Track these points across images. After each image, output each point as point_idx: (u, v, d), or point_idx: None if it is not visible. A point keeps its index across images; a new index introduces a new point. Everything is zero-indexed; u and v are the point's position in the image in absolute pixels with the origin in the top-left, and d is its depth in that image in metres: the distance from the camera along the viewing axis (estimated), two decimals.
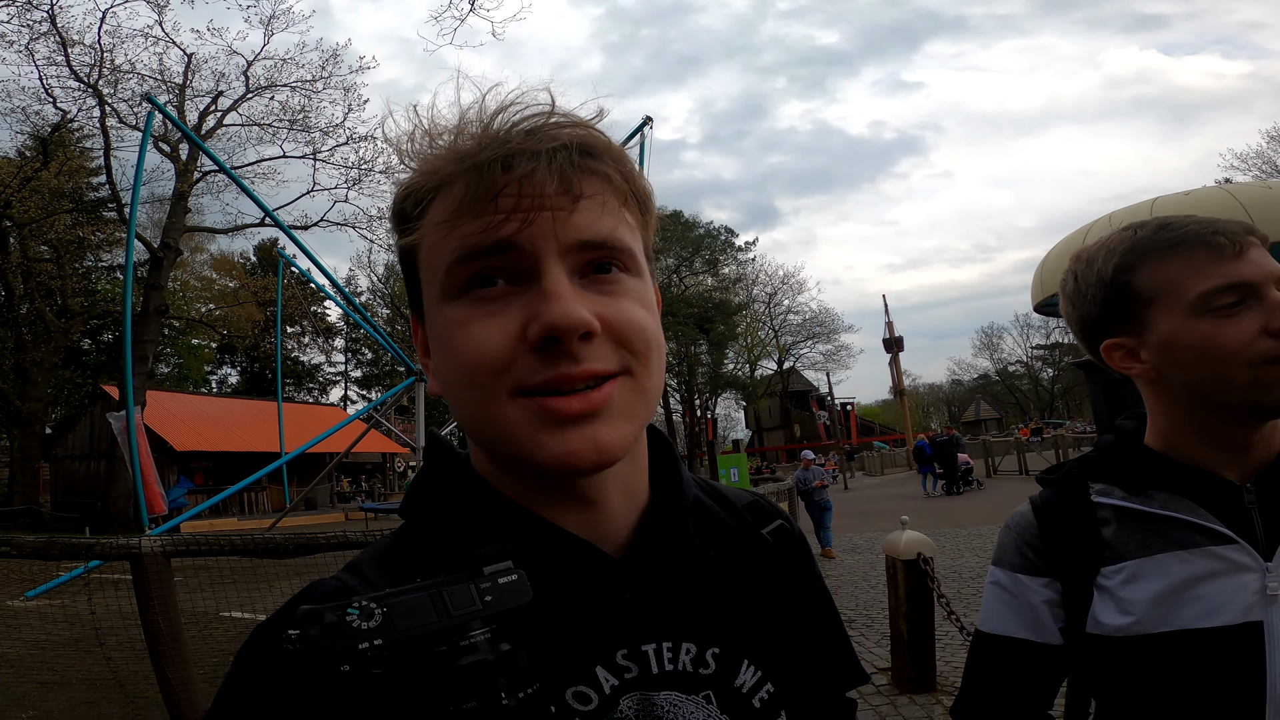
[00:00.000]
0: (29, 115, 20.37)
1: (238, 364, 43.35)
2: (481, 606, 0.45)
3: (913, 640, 4.30)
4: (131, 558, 3.91)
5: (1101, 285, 0.94)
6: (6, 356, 23.10)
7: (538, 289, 0.48)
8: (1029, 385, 61.00)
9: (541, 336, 0.47)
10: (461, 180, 0.50)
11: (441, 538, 0.55)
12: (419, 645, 0.43)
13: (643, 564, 0.57)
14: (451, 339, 0.51)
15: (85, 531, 18.60)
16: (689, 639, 0.57)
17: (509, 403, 0.49)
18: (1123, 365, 0.94)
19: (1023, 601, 0.94)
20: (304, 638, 0.41)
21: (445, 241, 0.50)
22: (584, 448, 0.48)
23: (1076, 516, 0.94)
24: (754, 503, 0.72)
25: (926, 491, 18.66)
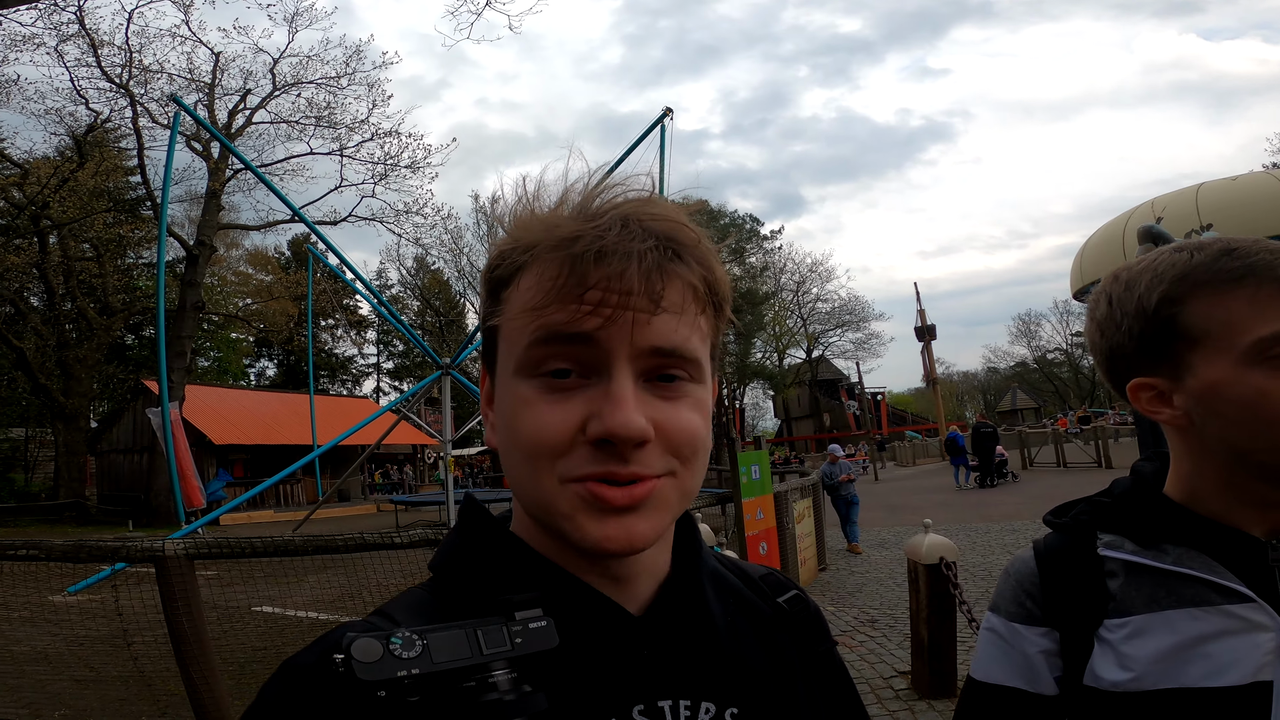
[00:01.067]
0: (63, 117, 21.01)
1: (274, 357, 44.36)
2: (511, 647, 0.48)
3: (933, 645, 4.23)
4: (155, 560, 3.99)
5: (1141, 316, 0.82)
6: (50, 353, 23.94)
7: (605, 388, 0.51)
8: (1069, 373, 59.52)
9: (599, 438, 0.50)
10: (554, 264, 0.52)
11: (473, 589, 0.57)
12: (451, 679, 0.46)
13: (662, 623, 0.59)
14: (518, 415, 0.53)
15: (129, 525, 19.27)
16: (707, 698, 0.59)
17: (559, 486, 0.52)
18: (1149, 408, 0.84)
19: (1017, 651, 0.90)
20: (349, 661, 0.43)
21: (530, 325, 0.53)
22: (619, 535, 0.52)
23: (1081, 568, 0.88)
24: (769, 574, 0.75)
25: (959, 484, 18.29)
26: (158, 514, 19.92)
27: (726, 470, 7.29)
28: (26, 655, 5.07)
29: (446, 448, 14.46)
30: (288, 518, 20.49)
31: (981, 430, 17.77)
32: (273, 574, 6.75)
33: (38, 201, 20.02)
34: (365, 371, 48.46)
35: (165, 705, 4.13)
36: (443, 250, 39.28)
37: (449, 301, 42.39)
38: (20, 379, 24.53)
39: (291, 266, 37.57)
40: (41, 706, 4.25)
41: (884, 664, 4.99)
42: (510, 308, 0.55)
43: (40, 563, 5.00)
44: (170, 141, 9.40)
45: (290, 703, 0.48)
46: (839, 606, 6.77)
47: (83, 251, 24.57)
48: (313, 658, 0.50)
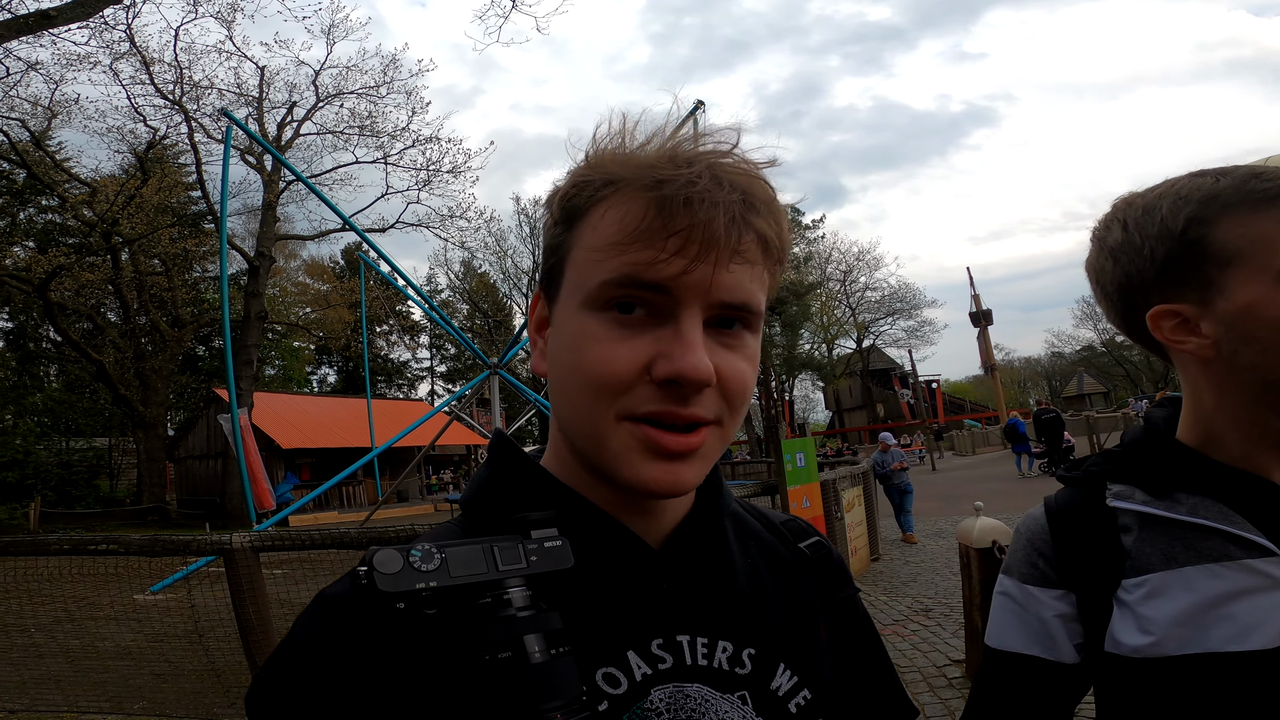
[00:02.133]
0: (124, 134, 22.11)
1: (334, 364, 45.91)
2: (527, 564, 0.49)
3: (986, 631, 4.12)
4: (224, 553, 4.23)
5: (1166, 238, 0.77)
6: (128, 365, 25.31)
7: (673, 330, 0.51)
8: (1140, 356, 56.70)
9: (666, 377, 0.50)
10: (640, 202, 0.52)
11: (499, 519, 0.57)
12: (467, 593, 0.47)
13: (681, 558, 0.60)
14: (582, 348, 0.53)
15: (206, 527, 20.25)
16: (725, 637, 0.59)
17: (615, 423, 0.52)
18: (1172, 337, 0.79)
19: (1033, 615, 0.85)
20: (371, 573, 0.44)
21: (606, 260, 0.52)
22: (665, 479, 0.52)
23: (1093, 522, 0.83)
24: (791, 521, 0.75)
25: (1022, 472, 17.67)
26: (232, 516, 20.87)
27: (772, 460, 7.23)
28: (111, 651, 5.37)
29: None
30: (350, 518, 21.21)
31: (1044, 416, 17.05)
32: (336, 571, 7.00)
33: (107, 219, 21.07)
34: (419, 375, 49.72)
35: (235, 697, 4.34)
36: (488, 253, 39.99)
37: (496, 304, 43.11)
38: (102, 390, 26.02)
39: (346, 275, 38.80)
40: (124, 700, 4.49)
41: (938, 653, 4.89)
42: (586, 238, 0.54)
43: (125, 564, 5.32)
44: (225, 156, 9.80)
45: (321, 629, 0.50)
46: (892, 596, 6.65)
47: (152, 266, 25.83)
48: (344, 586, 0.52)
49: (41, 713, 4.28)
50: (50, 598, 5.89)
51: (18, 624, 5.66)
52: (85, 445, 28.29)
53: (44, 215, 27.97)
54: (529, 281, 40.68)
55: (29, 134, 20.81)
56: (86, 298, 24.51)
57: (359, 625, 0.49)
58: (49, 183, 22.58)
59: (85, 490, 25.77)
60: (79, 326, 25.46)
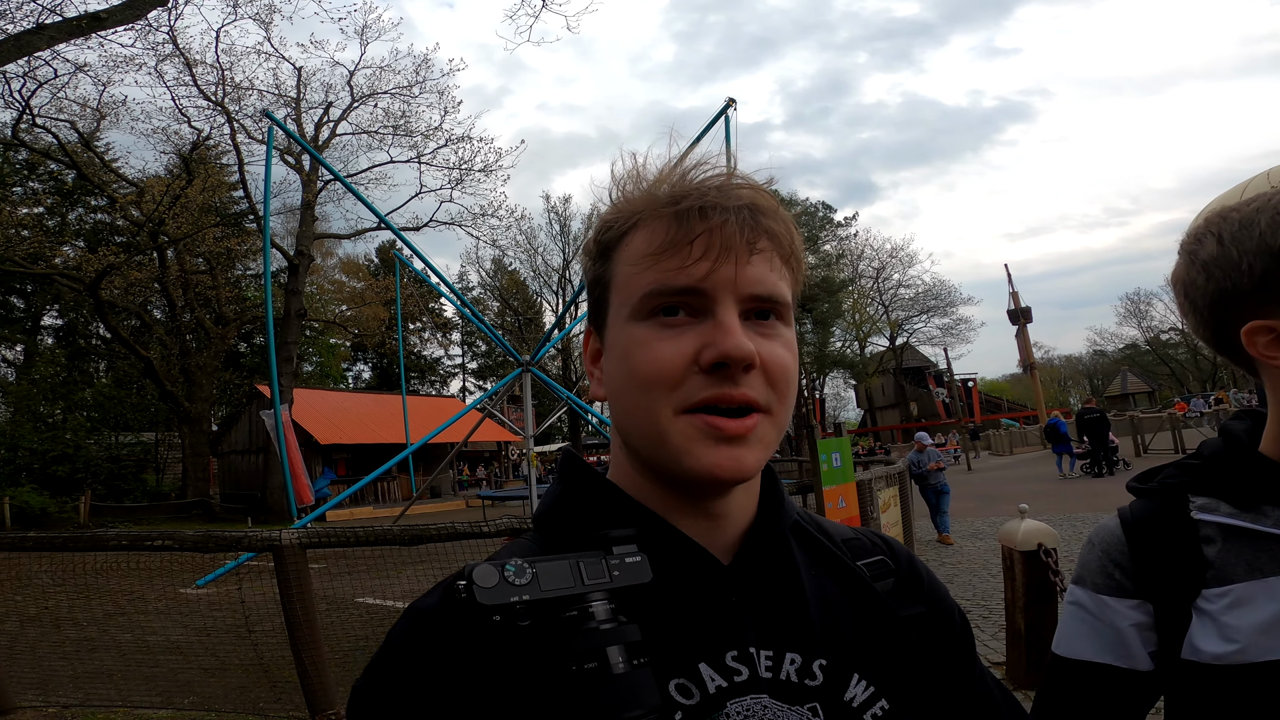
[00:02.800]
0: (169, 135, 22.77)
1: (369, 360, 46.74)
2: (610, 579, 0.52)
3: (1031, 634, 4.05)
4: (273, 549, 4.31)
5: (1264, 253, 0.77)
6: (174, 361, 26.08)
7: (713, 322, 0.56)
8: (1186, 354, 54.95)
9: (714, 361, 0.55)
10: (664, 222, 0.58)
11: (574, 536, 0.60)
12: (555, 606, 0.50)
13: (748, 571, 0.62)
14: (633, 354, 0.58)
15: (248, 521, 20.76)
16: (793, 649, 0.60)
17: (674, 418, 0.56)
18: (1266, 353, 0.79)
19: (1107, 625, 0.85)
20: (470, 587, 0.47)
21: (644, 275, 0.58)
22: (729, 464, 0.55)
23: (1174, 534, 0.83)
24: (855, 539, 0.75)
25: (1063, 472, 17.22)
26: (273, 511, 21.40)
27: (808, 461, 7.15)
28: (160, 645, 5.51)
29: (529, 443, 14.84)
30: (385, 514, 21.59)
31: (1088, 415, 16.56)
32: (373, 566, 7.13)
33: (154, 219, 21.73)
34: (451, 372, 50.36)
35: (280, 691, 4.42)
36: (518, 251, 40.30)
37: (526, 301, 43.43)
38: (149, 386, 26.87)
39: (380, 273, 39.45)
40: (174, 694, 4.59)
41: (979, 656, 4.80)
42: (622, 263, 0.61)
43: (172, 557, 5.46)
44: (267, 156, 10.03)
45: (416, 642, 0.53)
46: None
47: (197, 265, 26.61)
48: (435, 599, 0.55)
49: (95, 708, 4.39)
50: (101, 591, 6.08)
51: (69, 618, 5.85)
52: (133, 440, 29.22)
53: (93, 215, 28.95)
54: (559, 279, 40.91)
55: (78, 135, 21.54)
56: (135, 295, 25.32)
57: (452, 637, 0.52)
58: (98, 183, 23.35)
59: (133, 484, 26.64)
60: (127, 324, 26.30)
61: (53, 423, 25.09)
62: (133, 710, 4.40)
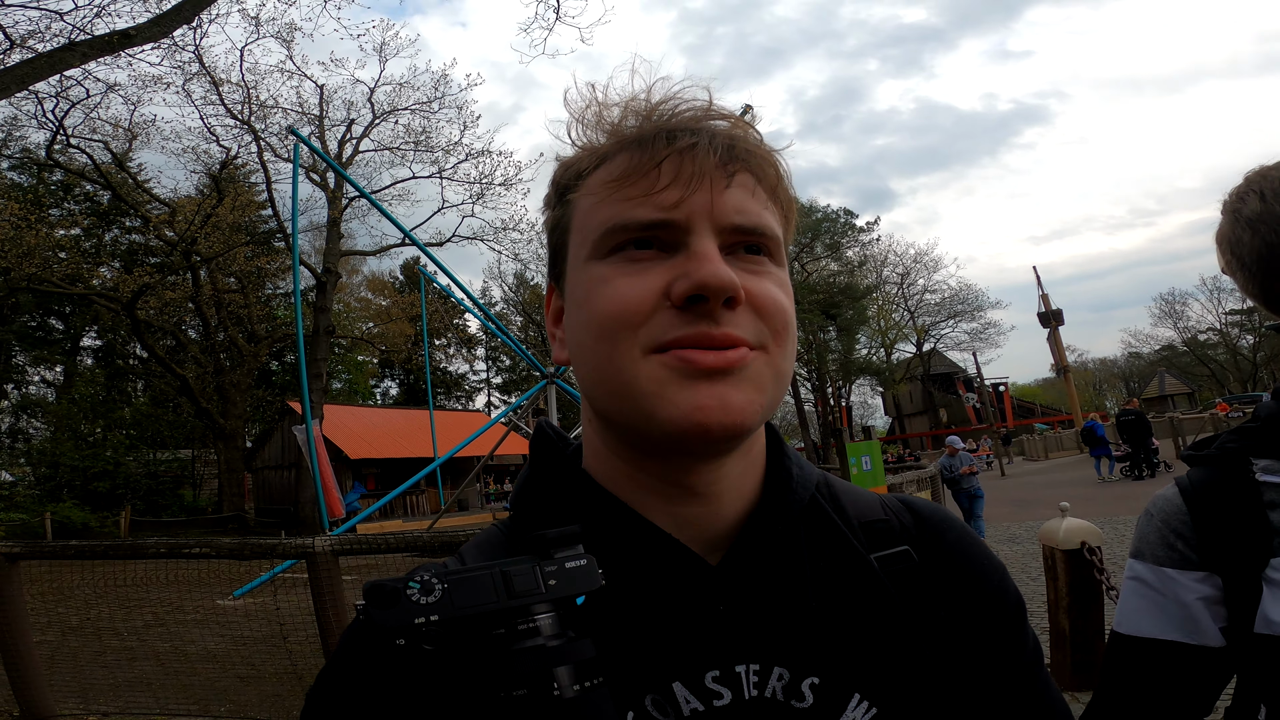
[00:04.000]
0: (199, 155, 23.40)
1: (396, 376, 47.31)
2: (544, 590, 0.44)
3: (1075, 635, 3.93)
4: (307, 557, 4.36)
5: None
6: (209, 379, 26.65)
7: (687, 252, 0.48)
8: (1225, 354, 53.44)
9: (688, 294, 0.46)
10: (625, 152, 0.50)
11: (535, 524, 0.55)
12: (476, 625, 0.42)
13: (741, 573, 0.52)
14: (591, 294, 0.50)
15: (281, 535, 21.06)
16: (782, 663, 0.51)
17: (641, 359, 0.47)
18: None
19: (1171, 599, 0.81)
20: (366, 609, 0.41)
21: (603, 206, 0.50)
22: (712, 404, 0.46)
23: (1238, 499, 0.79)
24: (877, 523, 0.61)
25: (1102, 476, 16.80)
26: (305, 524, 21.69)
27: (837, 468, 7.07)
28: (197, 655, 5.59)
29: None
30: (414, 526, 21.74)
31: (1126, 418, 16.13)
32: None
33: (187, 238, 22.28)
34: (477, 387, 50.76)
35: None
36: (540, 265, 40.59)
37: None
38: (185, 404, 27.50)
39: (405, 289, 39.98)
40: (210, 703, 4.65)
41: None
42: (582, 201, 0.53)
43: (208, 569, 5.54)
44: (294, 173, 10.22)
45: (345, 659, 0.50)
46: None
47: (229, 284, 27.23)
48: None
49: (134, 715, 4.46)
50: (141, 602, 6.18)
51: (110, 627, 5.96)
52: (170, 456, 29.90)
53: (128, 235, 29.78)
54: None
55: (111, 155, 22.20)
56: (169, 315, 25.98)
57: (375, 658, 0.47)
58: (132, 203, 24.02)
59: (170, 499, 27.25)
60: (163, 343, 26.98)
61: (93, 440, 25.76)
62: (170, 718, 4.46)
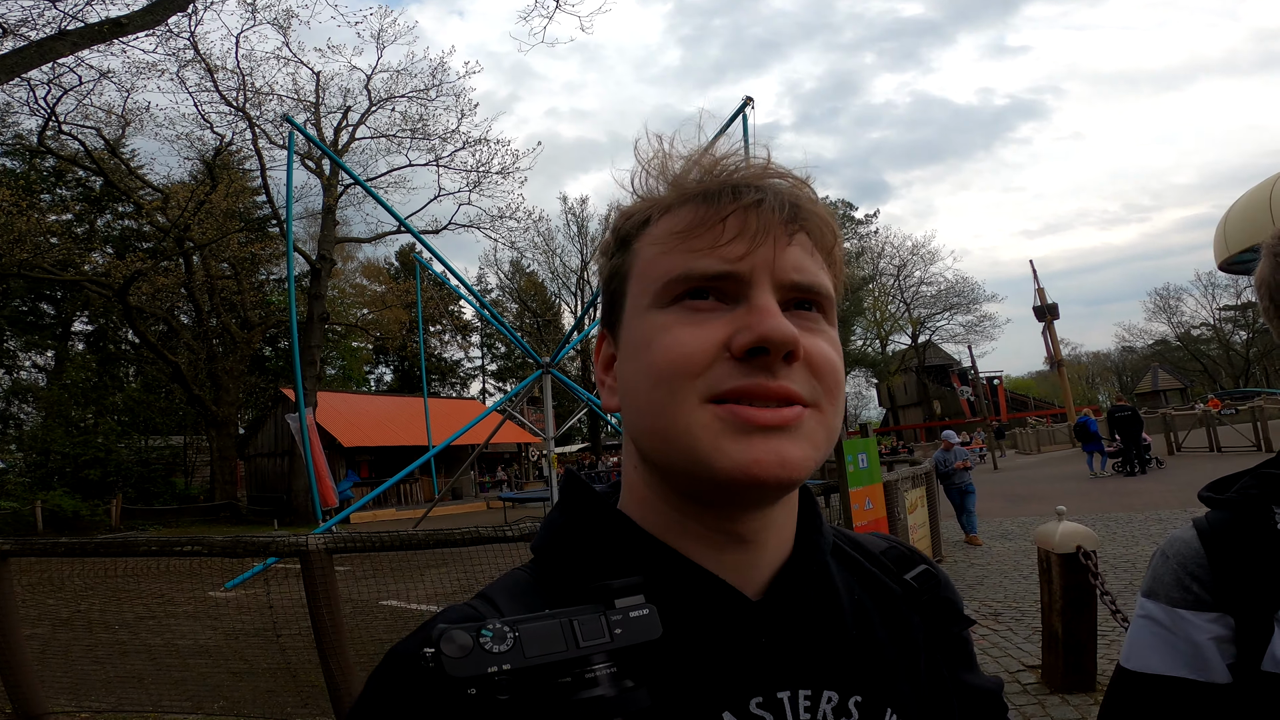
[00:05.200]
0: (192, 141, 23.15)
1: (390, 363, 47.18)
2: (610, 639, 0.45)
3: (1068, 638, 3.95)
4: (301, 555, 4.32)
5: None
6: (201, 366, 26.50)
7: (748, 305, 0.49)
8: (1218, 350, 53.76)
9: (749, 346, 0.48)
10: (690, 205, 0.52)
11: (575, 572, 0.55)
12: (545, 674, 0.43)
13: (782, 607, 0.55)
14: (652, 341, 0.51)
15: (274, 524, 21.03)
16: (830, 687, 0.55)
17: (698, 408, 0.48)
18: None
19: (1182, 638, 0.82)
20: (438, 656, 0.41)
21: (667, 257, 0.52)
22: (768, 458, 0.47)
23: (1256, 546, 0.80)
24: (893, 548, 0.70)
25: (1094, 471, 16.88)
26: (298, 513, 21.66)
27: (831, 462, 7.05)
28: (190, 649, 5.53)
29: (549, 445, 14.85)
30: (408, 515, 21.74)
31: (1120, 413, 16.21)
32: (397, 569, 7.15)
33: (180, 224, 22.09)
34: (471, 374, 50.68)
35: (307, 696, 4.43)
36: (536, 253, 40.46)
37: (545, 302, 43.58)
38: (177, 390, 27.35)
39: (400, 276, 39.79)
40: (203, 699, 4.59)
41: (1009, 658, 4.69)
42: (644, 249, 0.54)
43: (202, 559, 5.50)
44: (289, 160, 10.13)
45: (394, 692, 0.48)
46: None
47: (222, 270, 27.02)
48: (414, 646, 0.49)
49: (127, 712, 4.42)
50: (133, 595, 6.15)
51: (101, 620, 5.92)
52: (162, 443, 29.74)
53: (120, 221, 29.49)
54: (577, 280, 40.98)
55: (104, 142, 21.94)
56: (162, 301, 25.77)
57: (431, 692, 0.45)
58: (125, 189, 23.77)
59: (162, 487, 27.12)
60: (155, 329, 26.77)
61: (84, 427, 25.61)
62: (163, 715, 4.42)
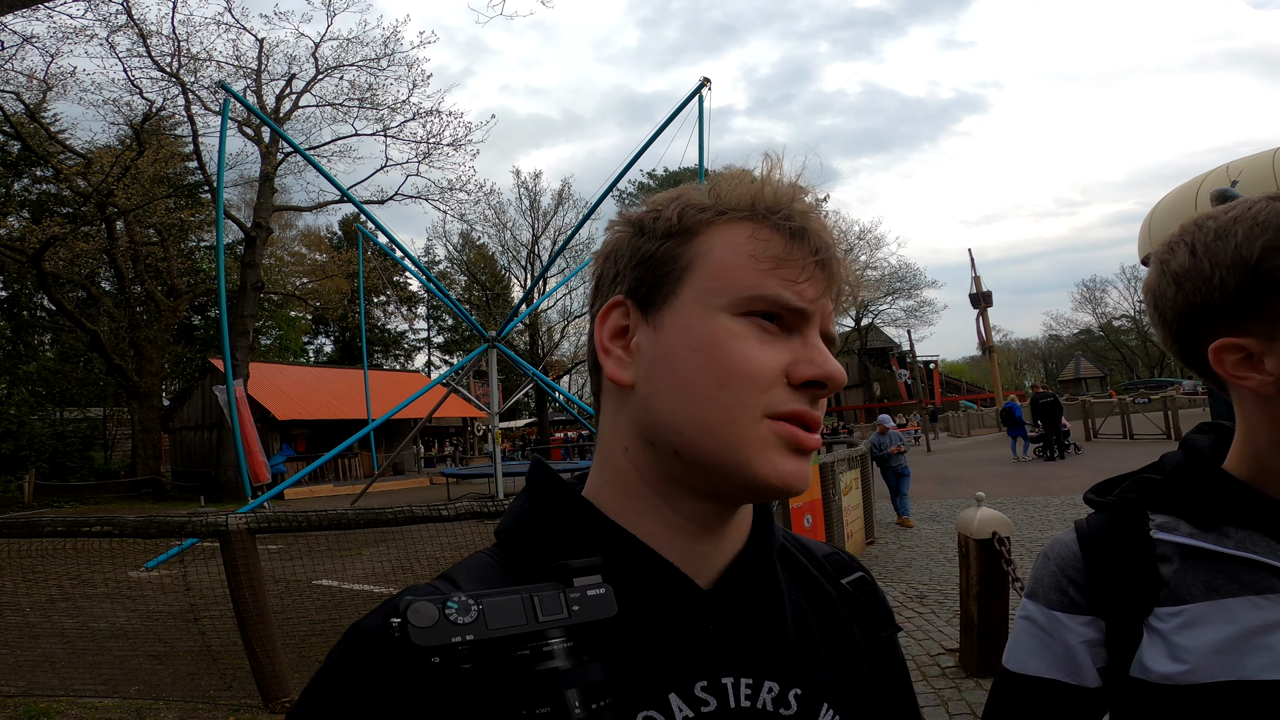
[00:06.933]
0: (120, 107, 21.78)
1: (330, 334, 45.74)
2: (568, 615, 0.48)
3: (983, 623, 4.13)
4: (220, 535, 4.17)
5: (1238, 267, 0.73)
6: (123, 335, 25.16)
7: (803, 341, 0.57)
8: (1137, 341, 56.95)
9: (811, 379, 0.55)
10: (774, 230, 0.57)
11: (539, 556, 0.57)
12: (505, 646, 0.46)
13: (730, 598, 0.59)
14: (725, 346, 0.55)
15: (200, 500, 20.27)
16: (771, 677, 0.59)
17: (758, 420, 0.54)
18: (1234, 373, 0.76)
19: (1057, 641, 0.84)
20: (405, 626, 0.43)
21: (751, 271, 0.56)
22: (800, 475, 0.55)
23: (1130, 552, 0.82)
24: (835, 554, 0.76)
25: (1016, 455, 17.74)
26: (227, 489, 20.91)
27: None
28: (106, 631, 5.32)
29: (494, 420, 14.72)
30: (346, 491, 21.27)
31: (1042, 400, 17.04)
32: (332, 548, 7.00)
33: (102, 190, 20.86)
34: (416, 346, 49.64)
35: (231, 679, 4.31)
36: (487, 226, 39.63)
37: (494, 276, 42.85)
38: (96, 360, 25.91)
39: (343, 245, 38.47)
40: (120, 682, 4.43)
41: (931, 641, 4.90)
42: (720, 251, 0.58)
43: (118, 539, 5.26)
44: (221, 128, 9.66)
45: (356, 667, 0.49)
46: (887, 581, 6.67)
47: (148, 236, 25.60)
48: (376, 623, 0.51)
49: (37, 697, 4.22)
50: (45, 574, 5.86)
51: (11, 603, 5.63)
52: (80, 416, 28.23)
53: (39, 186, 27.61)
54: (528, 254, 40.38)
55: (23, 106, 20.51)
56: (81, 267, 24.32)
57: (392, 667, 0.48)
58: (43, 154, 22.27)
59: (79, 462, 25.77)
60: (73, 296, 25.26)
61: None
62: (76, 699, 4.25)
